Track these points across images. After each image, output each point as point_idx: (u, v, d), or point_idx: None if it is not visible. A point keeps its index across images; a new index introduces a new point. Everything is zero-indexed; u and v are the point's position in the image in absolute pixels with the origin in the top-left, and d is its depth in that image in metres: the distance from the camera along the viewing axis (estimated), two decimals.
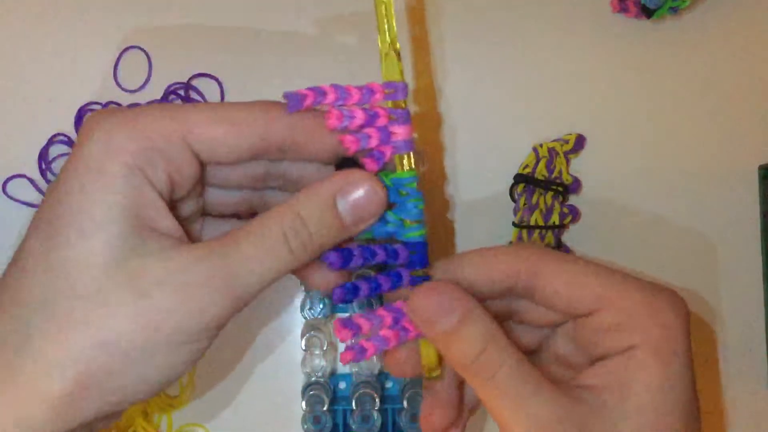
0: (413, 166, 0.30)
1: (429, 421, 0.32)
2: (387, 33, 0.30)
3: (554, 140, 0.46)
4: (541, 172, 0.45)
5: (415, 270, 0.31)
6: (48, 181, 0.45)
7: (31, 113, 0.46)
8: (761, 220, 0.47)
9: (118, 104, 0.45)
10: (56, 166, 0.45)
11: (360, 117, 0.29)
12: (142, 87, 0.46)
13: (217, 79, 0.46)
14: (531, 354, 0.34)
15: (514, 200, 0.46)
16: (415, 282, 0.31)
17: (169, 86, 0.46)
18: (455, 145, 0.47)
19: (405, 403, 0.43)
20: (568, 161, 0.46)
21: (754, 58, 0.48)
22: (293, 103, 0.29)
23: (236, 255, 0.28)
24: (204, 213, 0.34)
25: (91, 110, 0.45)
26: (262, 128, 0.29)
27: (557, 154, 0.46)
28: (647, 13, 0.46)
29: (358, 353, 0.30)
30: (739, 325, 0.48)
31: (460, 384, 0.33)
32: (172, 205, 0.30)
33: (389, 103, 0.30)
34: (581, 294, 0.30)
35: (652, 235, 0.47)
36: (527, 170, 0.46)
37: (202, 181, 0.31)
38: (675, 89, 0.48)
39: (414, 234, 0.30)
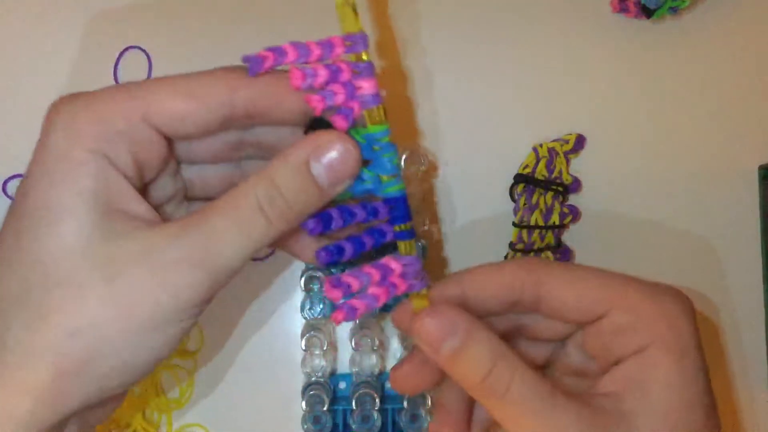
0: (384, 119, 0.29)
1: None
2: None
3: (554, 140, 0.46)
4: (541, 172, 0.45)
5: (398, 225, 0.30)
6: None
7: (31, 113, 0.45)
8: (761, 220, 0.47)
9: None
10: None
11: (323, 74, 0.28)
12: None
13: None
14: (542, 369, 0.33)
15: (514, 200, 0.46)
16: (399, 237, 0.30)
17: None
18: (455, 146, 0.47)
19: (405, 403, 0.43)
20: (568, 161, 0.46)
21: (754, 58, 0.48)
22: (254, 66, 0.28)
23: (210, 229, 0.27)
24: (188, 197, 0.33)
25: None
26: (225, 97, 0.28)
27: (557, 154, 0.46)
28: (647, 13, 0.46)
29: (348, 312, 0.29)
30: (739, 326, 0.48)
31: (470, 401, 0.32)
32: (145, 188, 0.30)
33: (352, 57, 0.29)
34: (587, 299, 0.30)
35: (652, 235, 0.47)
36: (527, 170, 0.46)
37: (174, 159, 0.31)
38: (675, 89, 0.48)
39: (392, 189, 0.29)
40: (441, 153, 0.47)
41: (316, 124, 0.29)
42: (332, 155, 0.28)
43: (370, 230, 0.30)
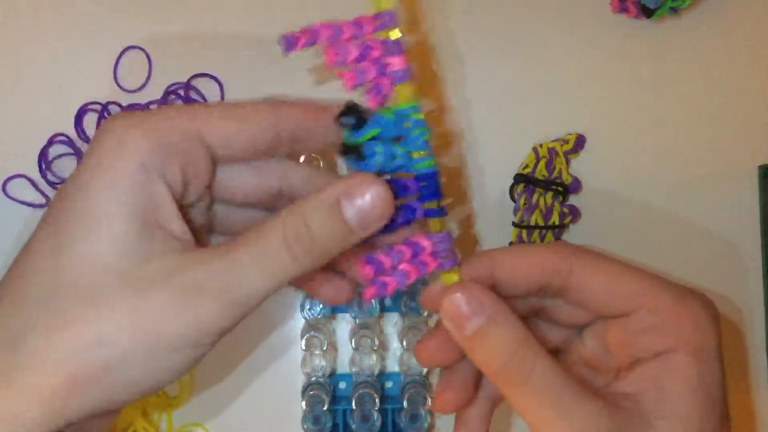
0: (414, 95, 0.29)
1: (442, 399, 0.32)
2: None
3: (554, 140, 0.46)
4: (541, 172, 0.45)
5: (428, 202, 0.30)
6: (48, 182, 0.45)
7: (31, 113, 0.46)
8: (761, 220, 0.47)
9: (119, 104, 0.45)
10: (56, 166, 0.45)
11: (354, 53, 0.29)
12: (142, 87, 0.46)
13: (217, 79, 0.46)
14: (554, 354, 0.33)
15: (514, 200, 0.46)
16: (429, 214, 0.30)
17: (169, 86, 0.46)
18: (455, 146, 0.47)
19: (405, 403, 0.43)
20: (568, 161, 0.46)
21: (754, 58, 0.48)
22: (287, 44, 0.29)
23: (235, 261, 0.27)
24: (212, 230, 0.33)
25: (91, 110, 0.45)
26: (272, 120, 0.29)
27: (557, 154, 0.46)
28: (647, 13, 0.46)
29: (380, 288, 0.29)
30: (739, 325, 0.48)
31: (478, 372, 0.32)
32: (183, 211, 0.30)
33: (382, 34, 0.29)
34: (618, 294, 0.30)
35: (652, 235, 0.47)
36: (527, 170, 0.46)
37: (211, 192, 0.31)
38: (675, 89, 0.48)
39: (423, 165, 0.30)
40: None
41: (349, 110, 0.29)
42: (366, 197, 0.28)
43: (400, 207, 0.30)
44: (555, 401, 0.27)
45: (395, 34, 0.29)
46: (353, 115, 0.29)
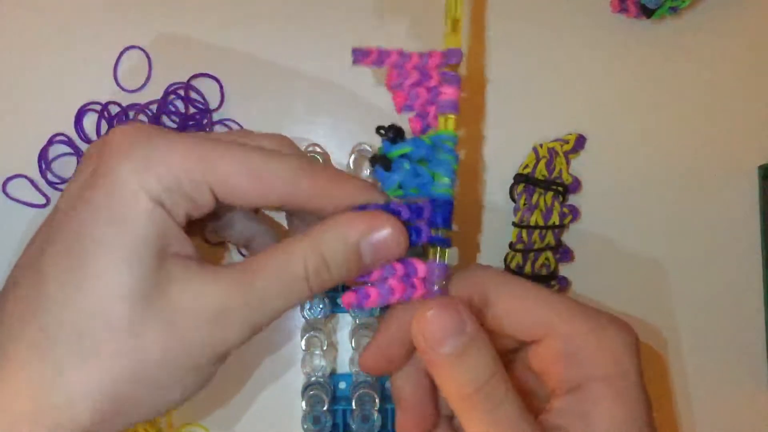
0: (455, 128, 0.31)
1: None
2: (455, 6, 0.32)
3: (554, 140, 0.46)
4: (541, 172, 0.45)
5: (436, 228, 0.31)
6: (48, 182, 0.45)
7: (31, 113, 0.46)
8: (761, 220, 0.47)
9: (119, 104, 0.45)
10: (56, 166, 0.45)
11: (414, 77, 0.31)
12: (142, 87, 0.46)
13: (217, 79, 0.46)
14: None
15: (514, 200, 0.46)
16: (433, 240, 0.31)
17: (169, 86, 0.46)
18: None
19: None
20: (568, 161, 0.46)
21: (754, 58, 0.48)
22: (358, 56, 0.31)
23: (258, 288, 0.28)
24: (225, 240, 0.35)
25: (91, 110, 0.45)
26: (286, 191, 0.29)
27: (557, 154, 0.46)
28: (647, 13, 0.46)
29: (360, 296, 0.30)
30: (739, 325, 0.48)
31: (433, 393, 0.32)
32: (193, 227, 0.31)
33: (444, 68, 0.31)
34: (534, 320, 0.29)
35: (652, 235, 0.47)
36: (527, 170, 0.46)
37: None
38: (675, 89, 0.48)
39: (443, 190, 0.31)
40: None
41: (389, 130, 0.31)
42: (382, 236, 0.29)
43: (408, 227, 0.31)
44: (520, 430, 0.27)
45: (456, 68, 0.31)
46: (393, 130, 0.31)
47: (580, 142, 0.47)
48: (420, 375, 0.31)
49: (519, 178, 0.46)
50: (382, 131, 0.31)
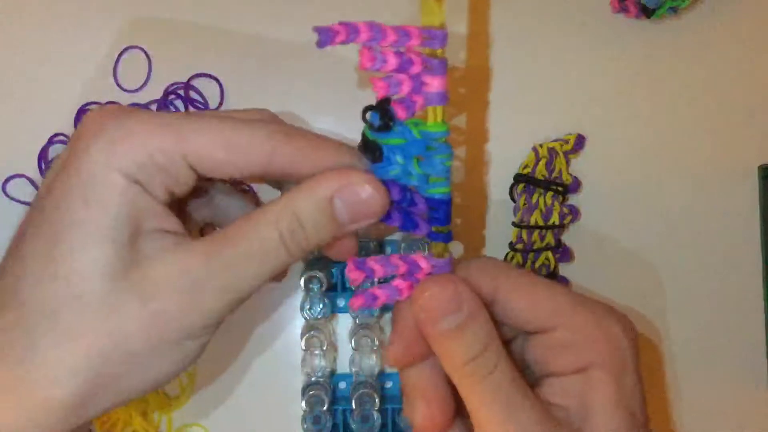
0: (444, 119, 0.28)
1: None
2: None
3: (554, 140, 0.46)
4: (541, 172, 0.45)
5: (437, 227, 0.30)
6: None
7: (31, 113, 0.46)
8: (761, 220, 0.47)
9: (119, 104, 0.45)
10: None
11: (393, 62, 0.28)
12: (142, 87, 0.46)
13: (217, 79, 0.46)
14: None
15: (514, 200, 0.46)
16: (434, 238, 0.30)
17: (169, 86, 0.46)
18: (455, 146, 0.47)
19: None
20: (568, 161, 0.46)
21: (754, 58, 0.48)
22: (324, 38, 0.27)
23: (235, 256, 0.28)
24: (215, 222, 0.34)
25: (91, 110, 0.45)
26: (264, 157, 0.29)
27: (557, 154, 0.46)
28: (647, 13, 0.46)
29: (368, 299, 0.29)
30: (739, 325, 0.48)
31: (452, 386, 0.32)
32: (179, 206, 0.30)
33: (426, 50, 0.28)
34: (539, 312, 0.30)
35: (652, 235, 0.47)
36: (527, 170, 0.46)
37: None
38: (675, 89, 0.48)
39: (438, 190, 0.29)
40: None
41: (378, 106, 0.28)
42: (358, 196, 0.28)
43: (403, 213, 0.30)
44: (507, 401, 0.28)
45: (440, 53, 0.28)
46: (380, 114, 0.28)
47: (580, 142, 0.47)
48: (435, 366, 0.31)
49: (519, 178, 0.46)
50: (368, 116, 0.28)
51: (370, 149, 0.29)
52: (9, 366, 0.26)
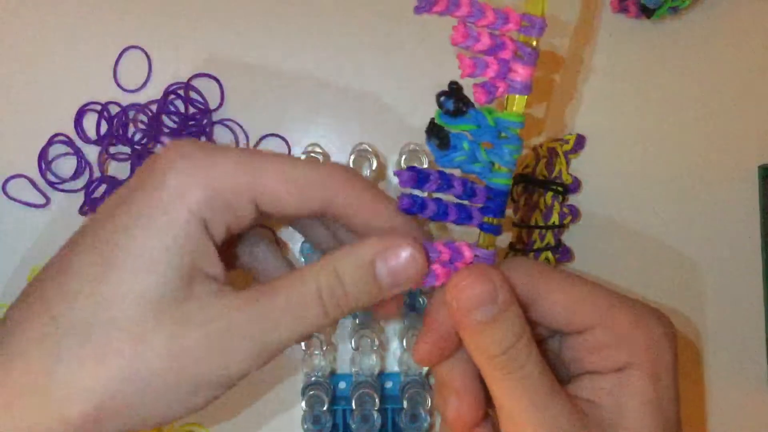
0: (523, 110, 0.28)
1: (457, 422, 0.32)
2: None
3: (554, 140, 0.46)
4: (541, 172, 0.45)
5: (489, 217, 0.29)
6: (48, 182, 0.45)
7: (31, 113, 0.46)
8: (761, 220, 0.47)
9: (119, 104, 0.45)
10: (56, 166, 0.45)
11: (485, 42, 0.27)
12: (142, 87, 0.46)
13: (217, 79, 0.46)
14: None
15: (514, 200, 0.46)
16: (484, 228, 0.30)
17: (169, 86, 0.46)
18: None
19: (405, 403, 0.43)
20: (568, 161, 0.46)
21: (754, 58, 0.48)
22: (423, 3, 0.27)
23: (270, 310, 0.28)
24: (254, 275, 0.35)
25: (91, 110, 0.45)
26: (326, 198, 0.29)
27: (557, 154, 0.46)
28: (647, 13, 0.46)
29: (429, 278, 0.29)
30: (740, 325, 0.48)
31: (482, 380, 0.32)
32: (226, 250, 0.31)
33: (521, 37, 0.28)
34: (578, 313, 0.30)
35: (652, 235, 0.47)
36: (527, 170, 0.46)
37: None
38: (675, 89, 0.48)
39: (500, 180, 0.29)
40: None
41: (452, 92, 0.28)
42: (399, 260, 0.28)
43: (459, 206, 0.30)
44: (536, 395, 0.28)
45: (536, 42, 0.28)
46: (454, 99, 0.28)
47: (580, 142, 0.47)
48: (467, 361, 0.31)
49: (519, 178, 0.46)
50: (442, 100, 0.28)
51: (438, 136, 0.28)
52: (33, 375, 0.27)
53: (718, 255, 0.48)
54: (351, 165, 0.44)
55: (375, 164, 0.44)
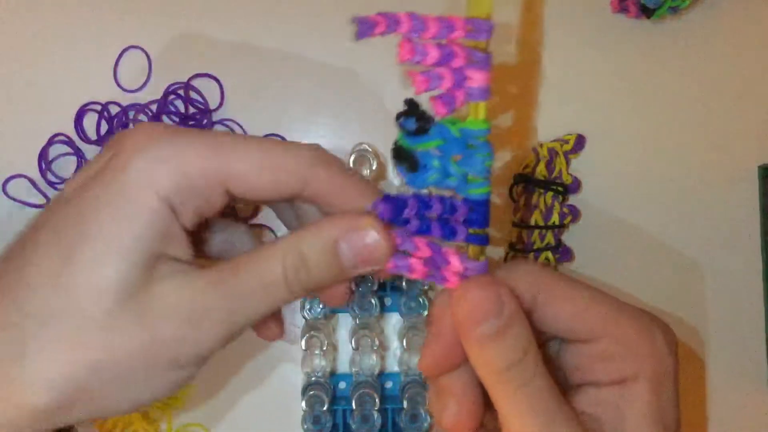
0: (486, 116, 0.27)
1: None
2: None
3: (554, 140, 0.46)
4: (541, 172, 0.45)
5: (474, 228, 0.28)
6: (48, 182, 0.45)
7: (31, 113, 0.46)
8: (761, 220, 0.47)
9: (119, 104, 0.45)
10: (56, 166, 0.45)
11: (434, 55, 0.26)
12: (142, 87, 0.46)
13: (217, 79, 0.46)
14: None
15: (514, 200, 0.46)
16: (472, 240, 0.29)
17: (169, 86, 0.46)
18: None
19: (405, 403, 0.43)
20: (568, 161, 0.46)
21: (754, 58, 0.48)
22: (363, 29, 0.26)
23: (238, 288, 0.28)
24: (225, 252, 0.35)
25: (91, 110, 0.45)
26: (301, 183, 0.29)
27: (557, 154, 0.46)
28: (647, 13, 0.46)
29: (398, 262, 0.28)
30: (740, 325, 0.48)
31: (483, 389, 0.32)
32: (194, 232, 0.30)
33: (470, 43, 0.27)
34: (584, 322, 0.29)
35: (652, 235, 0.47)
36: (527, 170, 0.46)
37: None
38: (675, 89, 0.48)
39: (477, 191, 0.28)
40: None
41: (411, 111, 0.27)
42: (363, 241, 0.28)
43: (443, 222, 0.29)
44: (542, 411, 0.28)
45: (485, 46, 0.27)
46: (414, 117, 0.27)
47: (580, 142, 0.47)
48: (469, 369, 0.30)
49: (519, 178, 0.46)
50: (401, 121, 0.27)
51: (405, 159, 0.28)
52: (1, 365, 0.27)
53: (718, 255, 0.48)
54: (351, 165, 0.44)
55: (375, 164, 0.44)
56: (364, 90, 0.46)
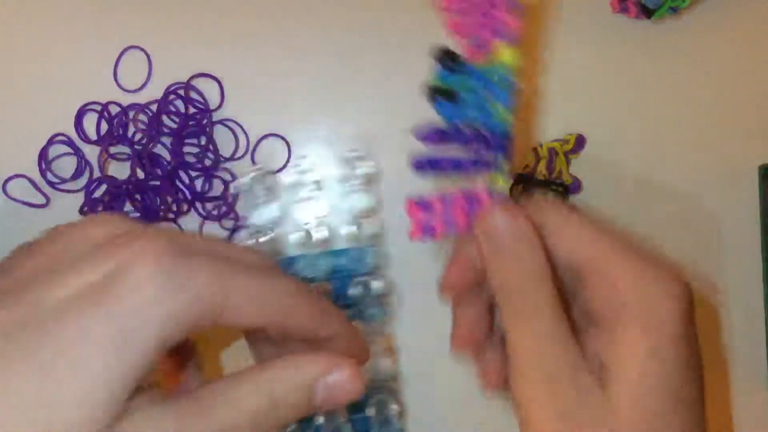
0: (515, 58, 0.30)
1: (459, 338, 0.33)
2: None
3: (554, 140, 0.46)
4: (541, 172, 0.45)
5: (497, 158, 0.31)
6: (48, 182, 0.45)
7: (31, 113, 0.46)
8: (761, 220, 0.47)
9: (119, 104, 0.45)
10: (56, 166, 0.45)
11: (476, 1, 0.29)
12: (142, 87, 0.46)
13: (217, 79, 0.46)
14: None
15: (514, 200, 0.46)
16: (496, 168, 0.31)
17: (169, 86, 0.46)
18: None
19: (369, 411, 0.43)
20: (568, 161, 0.46)
21: (754, 58, 0.48)
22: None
23: (205, 422, 0.27)
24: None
25: (91, 110, 0.45)
26: (286, 317, 0.29)
27: (557, 154, 0.46)
28: (647, 13, 0.46)
29: (426, 231, 0.30)
30: (740, 325, 0.48)
31: (489, 322, 0.33)
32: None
33: None
34: (578, 253, 0.30)
35: (653, 235, 0.47)
36: (527, 170, 0.46)
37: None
38: (675, 89, 0.48)
39: (500, 117, 0.30)
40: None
41: (446, 54, 0.30)
42: (338, 378, 0.28)
43: (476, 154, 0.31)
44: (548, 338, 0.28)
45: None
46: (450, 58, 0.30)
47: (580, 142, 0.47)
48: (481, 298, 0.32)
49: (519, 178, 0.46)
50: (439, 56, 0.30)
51: (443, 93, 0.30)
52: None
53: (717, 255, 0.48)
54: (348, 166, 0.44)
55: (370, 167, 0.44)
56: (364, 90, 0.46)
